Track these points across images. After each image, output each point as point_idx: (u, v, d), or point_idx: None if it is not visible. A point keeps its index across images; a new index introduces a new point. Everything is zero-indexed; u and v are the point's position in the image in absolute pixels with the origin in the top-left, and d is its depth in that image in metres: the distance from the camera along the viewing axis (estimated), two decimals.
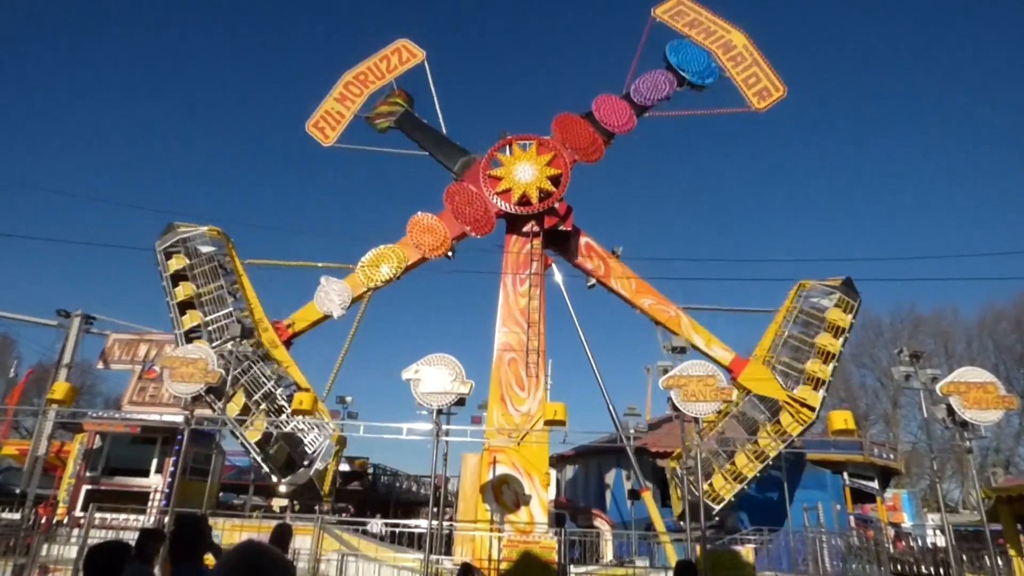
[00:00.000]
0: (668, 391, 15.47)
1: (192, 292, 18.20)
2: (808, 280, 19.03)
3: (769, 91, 19.76)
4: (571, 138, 18.96)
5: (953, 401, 15.32)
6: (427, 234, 18.75)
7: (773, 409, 17.84)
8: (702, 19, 20.57)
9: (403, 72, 21.87)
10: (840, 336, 17.94)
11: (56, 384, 19.74)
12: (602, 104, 19.50)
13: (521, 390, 17.33)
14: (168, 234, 18.99)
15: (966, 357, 41.51)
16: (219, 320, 17.91)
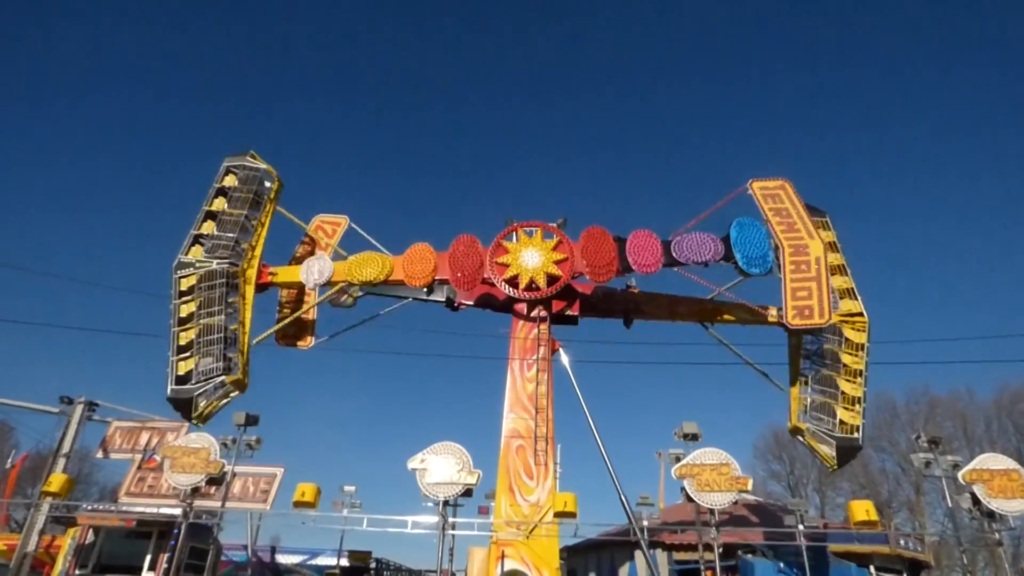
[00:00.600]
0: (681, 480, 15.08)
1: (222, 207, 19.97)
2: None
3: (812, 313, 17.05)
4: (591, 251, 18.74)
5: (977, 490, 14.89)
6: (417, 263, 19.34)
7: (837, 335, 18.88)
8: (792, 211, 18.68)
9: (338, 243, 21.32)
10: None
11: (53, 476, 19.33)
12: (637, 239, 18.86)
13: (530, 479, 16.83)
14: (240, 156, 21.13)
15: (986, 440, 40.40)
16: (223, 240, 19.27)
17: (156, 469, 18.75)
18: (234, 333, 18.02)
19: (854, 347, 18.57)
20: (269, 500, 17.77)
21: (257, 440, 17.81)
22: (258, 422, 17.91)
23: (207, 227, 19.59)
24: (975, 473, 15.17)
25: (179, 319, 18.06)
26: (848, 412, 17.73)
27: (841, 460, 18.02)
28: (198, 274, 18.50)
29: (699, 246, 18.65)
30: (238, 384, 17.94)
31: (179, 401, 17.24)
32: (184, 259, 18.90)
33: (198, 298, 18.26)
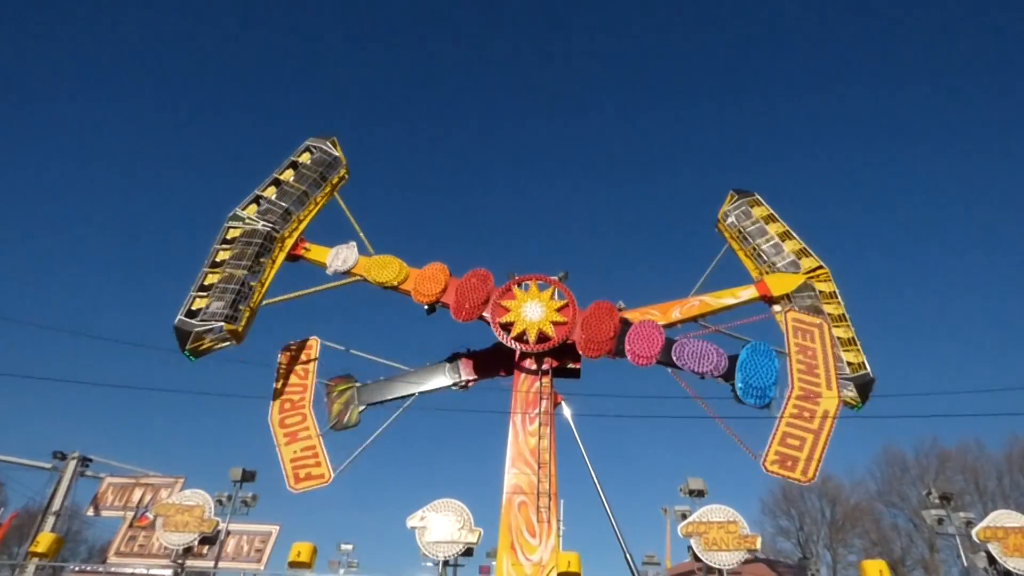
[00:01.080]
0: (688, 538, 14.69)
1: (288, 178, 22.31)
2: None
3: (794, 466, 16.51)
4: (592, 324, 18.65)
5: (992, 548, 14.59)
6: (428, 281, 20.15)
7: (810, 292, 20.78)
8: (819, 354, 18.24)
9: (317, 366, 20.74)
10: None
11: (41, 535, 18.84)
12: (642, 329, 18.60)
13: (532, 537, 16.39)
14: (323, 138, 23.47)
15: (999, 494, 39.47)
16: (277, 206, 21.54)
17: (148, 527, 18.29)
18: (251, 289, 19.61)
19: (828, 296, 20.56)
20: (263, 560, 17.30)
21: (253, 497, 17.49)
22: (255, 478, 17.63)
23: (269, 191, 21.95)
24: (989, 531, 14.86)
25: (212, 262, 20.09)
26: (851, 353, 19.35)
27: (863, 396, 18.95)
28: (243, 229, 20.88)
29: (701, 355, 18.00)
30: (235, 334, 18.86)
31: (181, 332, 18.81)
32: (239, 212, 21.28)
33: (234, 249, 20.32)
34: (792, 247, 21.90)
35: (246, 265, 19.88)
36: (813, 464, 16.18)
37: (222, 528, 16.44)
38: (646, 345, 18.23)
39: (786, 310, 19.36)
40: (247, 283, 19.61)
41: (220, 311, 18.77)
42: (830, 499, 46.35)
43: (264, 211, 21.39)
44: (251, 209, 21.39)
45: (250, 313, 19.34)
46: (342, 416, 20.00)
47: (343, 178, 23.61)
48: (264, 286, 20.27)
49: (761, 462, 16.38)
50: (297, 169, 22.62)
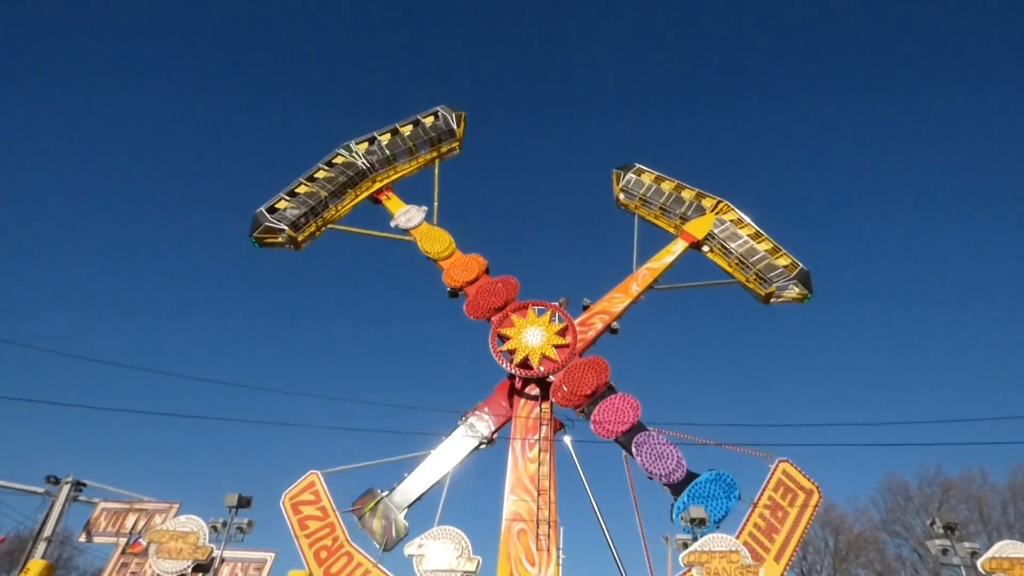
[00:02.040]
0: (689, 568, 14.44)
1: (406, 132, 25.39)
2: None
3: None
4: (575, 376, 18.50)
5: None
6: (461, 269, 21.42)
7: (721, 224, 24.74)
8: (790, 518, 16.45)
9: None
10: None
11: (31, 562, 18.51)
12: (618, 403, 18.11)
13: (532, 565, 16.15)
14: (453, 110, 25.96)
15: (1003, 524, 38.96)
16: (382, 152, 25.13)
17: (141, 554, 17.97)
18: (326, 209, 23.42)
19: (738, 221, 24.62)
20: None
21: (249, 523, 17.18)
22: (251, 504, 17.34)
23: (384, 137, 25.17)
24: (995, 562, 14.67)
25: (310, 176, 23.82)
26: (782, 257, 23.73)
27: (807, 287, 23.31)
28: (347, 160, 24.55)
29: (660, 456, 17.18)
30: (293, 241, 22.71)
31: (256, 220, 22.64)
32: (352, 145, 24.91)
33: (331, 173, 23.94)
34: (689, 195, 25.50)
35: (332, 190, 23.64)
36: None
37: (216, 555, 16.16)
38: (613, 420, 17.75)
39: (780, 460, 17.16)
40: (326, 203, 23.41)
41: (292, 218, 22.67)
42: (833, 528, 45.71)
43: (371, 152, 24.87)
44: (362, 146, 24.85)
45: (315, 229, 23.18)
46: (388, 532, 17.95)
47: (452, 150, 25.73)
48: (339, 212, 23.82)
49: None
50: (417, 127, 25.40)
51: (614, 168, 26.79)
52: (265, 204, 22.99)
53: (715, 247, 24.40)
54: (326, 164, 24.34)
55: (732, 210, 24.92)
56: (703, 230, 24.30)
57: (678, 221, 25.19)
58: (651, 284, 22.69)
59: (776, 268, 23.40)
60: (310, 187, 23.52)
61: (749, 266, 23.88)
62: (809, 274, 23.43)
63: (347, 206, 24.24)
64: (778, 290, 23.37)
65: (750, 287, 23.98)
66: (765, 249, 23.82)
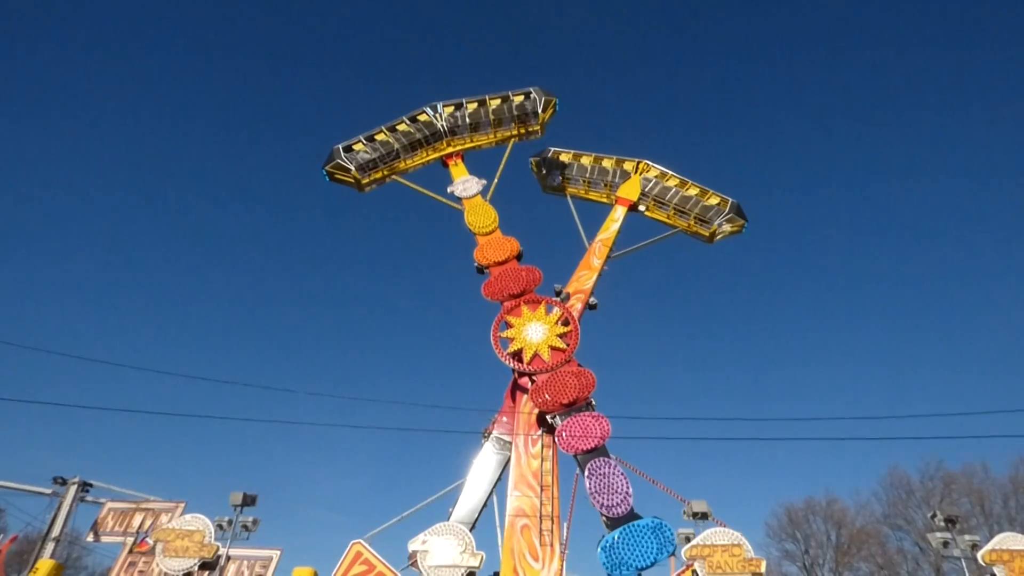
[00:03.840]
0: (691, 561, 14.56)
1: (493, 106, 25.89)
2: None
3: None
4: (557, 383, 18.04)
5: (998, 571, 14.53)
6: (495, 248, 21.77)
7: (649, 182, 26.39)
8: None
9: None
10: None
11: (40, 561, 18.70)
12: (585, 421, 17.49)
13: (535, 561, 16.26)
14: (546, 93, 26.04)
15: (1004, 517, 39.07)
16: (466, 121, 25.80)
17: (148, 553, 18.13)
18: (395, 160, 24.78)
19: (663, 175, 26.27)
20: None
21: (254, 521, 17.35)
22: (256, 502, 17.52)
23: (471, 106, 25.75)
24: (995, 554, 14.77)
25: (392, 127, 25.11)
26: (712, 197, 25.64)
27: (743, 217, 25.35)
28: (429, 119, 25.44)
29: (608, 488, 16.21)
30: (357, 183, 24.34)
31: (331, 154, 24.34)
32: (438, 106, 25.63)
33: (411, 128, 25.14)
34: (609, 163, 26.67)
35: (406, 143, 24.84)
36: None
37: (222, 553, 16.31)
38: (578, 436, 17.12)
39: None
40: (397, 154, 24.67)
41: (362, 161, 24.22)
42: (835, 522, 45.86)
43: (453, 117, 25.42)
44: (448, 109, 25.42)
45: (382, 176, 24.58)
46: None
47: (533, 133, 25.90)
48: (404, 166, 24.94)
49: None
50: (504, 103, 25.70)
51: (531, 157, 27.57)
52: (343, 143, 24.50)
53: (650, 204, 25.88)
54: (409, 119, 25.28)
55: (653, 167, 26.40)
56: (635, 191, 25.62)
57: (608, 190, 26.33)
58: (608, 254, 23.60)
59: (711, 208, 25.20)
60: (388, 136, 24.70)
61: (686, 212, 25.55)
62: (740, 205, 25.25)
63: (417, 162, 25.21)
64: (718, 228, 25.29)
65: (693, 231, 25.71)
66: (695, 194, 25.55)
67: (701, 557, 14.42)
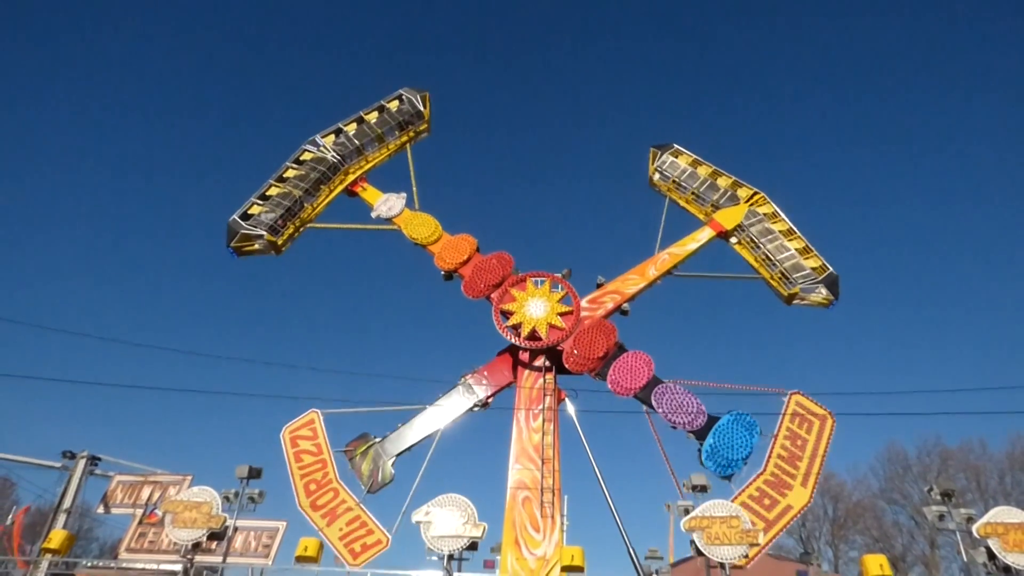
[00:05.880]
0: (690, 533, 14.83)
1: (372, 119, 24.21)
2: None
3: (755, 536, 14.77)
4: (585, 341, 18.74)
5: (992, 544, 14.65)
6: (453, 250, 21.16)
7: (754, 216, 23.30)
8: (810, 445, 17.27)
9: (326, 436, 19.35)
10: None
11: (53, 532, 19.08)
12: (630, 360, 18.60)
13: (536, 532, 16.59)
14: (417, 91, 24.87)
15: (1000, 493, 39.55)
16: (351, 142, 23.92)
17: (157, 524, 18.50)
18: (302, 208, 22.33)
19: (772, 216, 23.12)
20: (271, 555, 17.44)
21: (260, 494, 17.61)
22: (261, 475, 17.77)
23: (350, 127, 24.00)
24: (989, 527, 14.93)
25: (280, 176, 22.62)
26: (812, 259, 22.18)
27: (834, 293, 21.82)
28: (315, 155, 23.30)
29: (680, 406, 17.67)
30: (273, 246, 21.52)
31: (231, 229, 21.34)
32: (318, 139, 23.65)
33: (301, 171, 22.75)
34: (725, 183, 24.11)
35: (305, 187, 22.54)
36: (756, 550, 14.80)
37: (230, 524, 16.62)
38: (629, 377, 18.15)
39: (792, 393, 18.04)
40: (301, 202, 22.33)
41: (268, 221, 21.51)
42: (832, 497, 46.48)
43: (339, 144, 23.72)
44: (329, 139, 23.63)
45: (294, 231, 22.08)
46: (375, 476, 18.86)
47: (421, 133, 25.01)
48: (316, 210, 22.85)
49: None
50: (382, 113, 24.42)
51: (652, 146, 25.72)
52: (237, 211, 21.68)
53: (743, 239, 23.13)
54: (294, 162, 23.11)
55: (768, 203, 23.50)
56: (733, 220, 23.07)
57: (709, 208, 23.98)
58: (670, 269, 21.96)
59: (803, 269, 21.95)
60: (282, 187, 22.33)
61: (775, 263, 22.51)
62: (838, 280, 21.91)
63: (323, 202, 23.13)
64: (802, 292, 22.00)
65: (773, 285, 22.59)
66: (796, 248, 22.35)
67: (700, 528, 14.67)
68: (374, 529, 17.37)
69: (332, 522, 17.70)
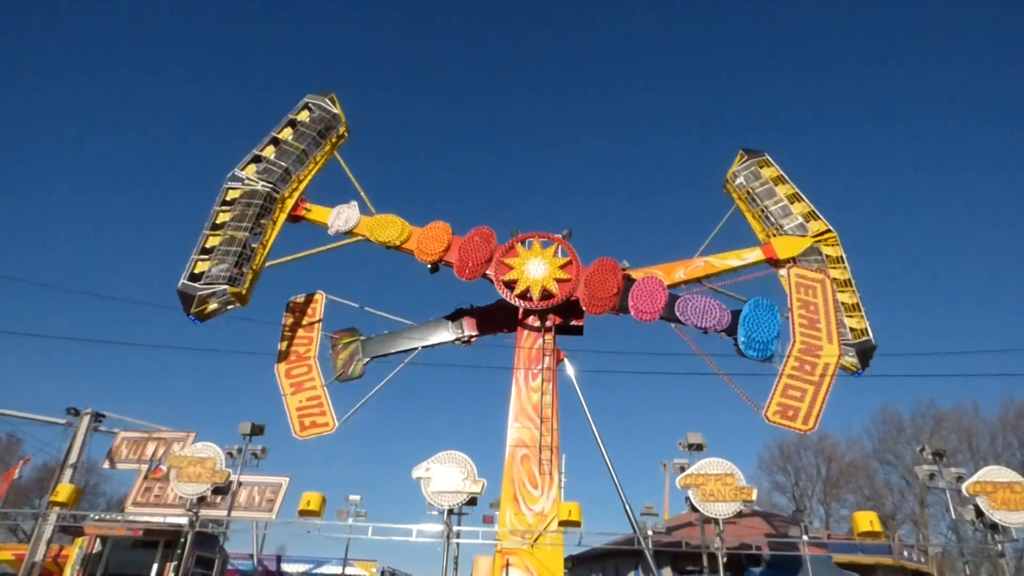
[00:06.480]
0: (686, 490, 15.15)
1: (287, 137, 21.86)
2: None
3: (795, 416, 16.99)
4: (595, 282, 18.70)
5: (980, 502, 14.92)
6: (431, 240, 20.24)
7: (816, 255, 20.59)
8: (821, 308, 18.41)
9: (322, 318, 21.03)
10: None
11: (60, 486, 19.44)
12: (644, 285, 18.79)
13: (534, 488, 16.92)
14: (322, 95, 22.82)
15: (991, 455, 40.24)
16: (277, 165, 21.25)
17: (162, 479, 18.86)
18: (253, 251, 19.59)
19: (835, 260, 20.33)
20: (275, 509, 17.83)
21: (262, 450, 17.91)
22: (264, 432, 18.06)
23: (268, 151, 21.54)
24: (978, 485, 15.20)
25: (213, 224, 19.84)
26: (855, 319, 19.28)
27: (863, 362, 19.11)
28: (243, 190, 20.53)
29: (704, 311, 18.33)
30: (239, 297, 18.89)
31: (185, 295, 18.62)
32: (238, 173, 20.82)
33: (235, 211, 20.03)
34: (801, 209, 21.53)
35: (247, 227, 19.64)
36: (814, 414, 16.73)
37: (234, 479, 16.92)
38: (649, 301, 18.45)
39: (789, 267, 19.55)
40: (248, 245, 19.46)
41: (223, 273, 18.69)
42: (826, 456, 47.39)
43: (264, 171, 21.01)
44: (250, 169, 20.92)
45: (253, 275, 19.29)
46: (347, 368, 20.57)
47: (343, 136, 23.08)
48: (266, 247, 20.19)
49: (763, 413, 16.96)
50: (296, 127, 22.07)
51: (741, 149, 23.51)
52: (183, 276, 18.82)
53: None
54: (223, 204, 20.22)
55: (837, 246, 20.54)
56: (791, 251, 20.56)
57: (773, 230, 21.56)
58: (701, 278, 20.66)
59: (843, 325, 19.17)
60: (220, 235, 19.49)
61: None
62: (873, 351, 19.26)
63: (271, 237, 20.45)
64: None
65: None
66: (843, 301, 19.63)
67: (695, 485, 14.98)
68: (327, 412, 19.24)
69: (296, 392, 19.62)
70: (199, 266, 18.99)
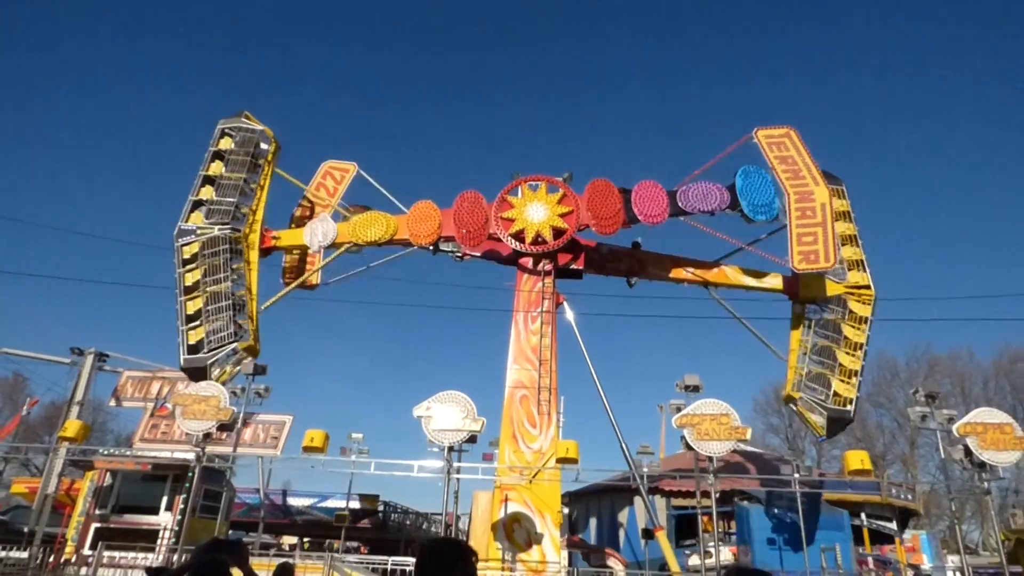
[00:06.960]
0: (681, 429, 15.44)
1: (219, 172, 19.60)
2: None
3: (817, 258, 16.96)
4: (596, 204, 18.43)
5: (970, 442, 15.21)
6: (422, 222, 19.31)
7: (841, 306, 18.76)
8: (797, 159, 18.48)
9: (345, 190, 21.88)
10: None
11: (68, 422, 19.89)
12: (643, 191, 18.66)
13: (533, 427, 17.25)
14: (235, 117, 20.64)
15: (983, 398, 40.94)
16: (223, 205, 19.04)
17: (169, 416, 19.24)
18: (242, 299, 17.98)
19: (857, 320, 18.22)
20: (279, 445, 18.26)
21: (266, 389, 18.17)
22: (266, 371, 18.26)
23: (206, 192, 19.22)
24: (969, 426, 15.45)
25: (185, 288, 17.92)
26: (844, 384, 17.30)
27: (831, 431, 17.90)
28: (200, 241, 18.30)
29: (705, 195, 18.45)
30: (250, 350, 17.74)
31: (193, 370, 17.22)
32: (184, 226, 18.58)
33: (202, 265, 18.04)
34: (850, 254, 19.30)
35: (224, 277, 17.90)
36: (831, 252, 17.17)
37: (238, 417, 17.22)
38: (653, 204, 18.48)
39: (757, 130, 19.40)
40: (235, 294, 17.85)
41: (223, 332, 17.30)
42: None
43: (211, 214, 18.81)
44: (196, 218, 18.84)
45: (254, 324, 18.04)
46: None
47: (276, 151, 20.73)
48: (253, 291, 18.58)
49: (790, 265, 17.37)
50: (224, 159, 19.75)
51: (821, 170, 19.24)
52: (182, 353, 17.38)
53: (806, 320, 19.24)
54: (184, 264, 18.20)
55: (868, 306, 18.46)
56: (814, 293, 18.99)
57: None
58: (707, 283, 19.99)
59: (828, 386, 17.33)
60: (199, 295, 17.78)
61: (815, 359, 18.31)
62: (844, 425, 18.10)
63: (252, 281, 18.75)
64: (801, 404, 18.14)
65: (789, 374, 18.73)
66: (843, 362, 17.66)
67: (691, 425, 15.25)
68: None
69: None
70: (192, 336, 17.37)
